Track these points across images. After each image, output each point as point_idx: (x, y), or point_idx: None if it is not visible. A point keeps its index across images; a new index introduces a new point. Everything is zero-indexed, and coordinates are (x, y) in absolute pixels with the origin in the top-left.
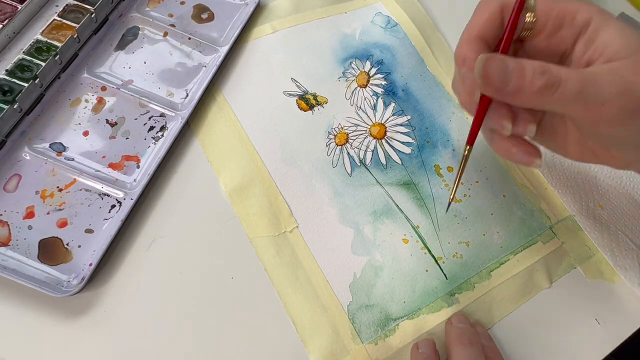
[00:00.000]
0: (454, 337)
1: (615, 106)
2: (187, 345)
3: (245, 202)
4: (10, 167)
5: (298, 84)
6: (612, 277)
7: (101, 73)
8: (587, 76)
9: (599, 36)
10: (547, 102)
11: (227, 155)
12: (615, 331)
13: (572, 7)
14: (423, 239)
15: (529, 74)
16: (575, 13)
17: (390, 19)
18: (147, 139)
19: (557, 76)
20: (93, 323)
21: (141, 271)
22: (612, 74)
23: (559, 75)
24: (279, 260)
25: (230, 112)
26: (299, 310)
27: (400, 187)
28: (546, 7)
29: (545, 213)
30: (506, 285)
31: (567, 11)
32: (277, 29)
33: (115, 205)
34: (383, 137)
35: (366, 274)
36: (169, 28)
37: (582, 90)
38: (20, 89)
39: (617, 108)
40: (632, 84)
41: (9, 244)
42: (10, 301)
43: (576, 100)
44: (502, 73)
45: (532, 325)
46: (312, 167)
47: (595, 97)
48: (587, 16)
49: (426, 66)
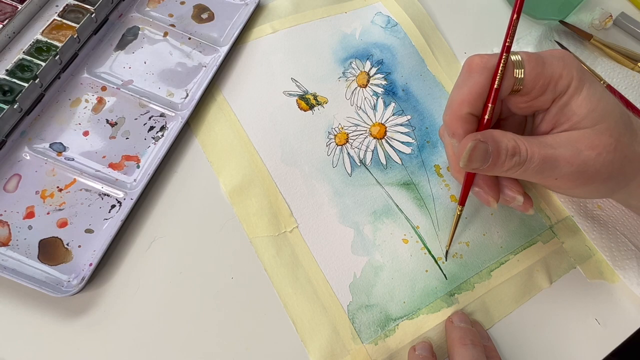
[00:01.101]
0: (456, 338)
1: (568, 180)
2: (187, 345)
3: (245, 202)
4: (10, 167)
5: (298, 84)
6: (612, 277)
7: (101, 73)
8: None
9: (571, 102)
10: (514, 175)
11: (227, 155)
12: (615, 331)
13: (557, 73)
14: (423, 239)
15: (503, 156)
16: (558, 79)
17: (391, 18)
18: (147, 139)
19: (524, 158)
20: (93, 323)
21: (141, 271)
22: (570, 148)
23: (525, 157)
24: (279, 260)
25: (230, 112)
26: (299, 310)
27: (400, 187)
28: (534, 75)
29: (545, 213)
30: (506, 285)
31: (552, 78)
32: (277, 29)
33: (115, 205)
34: (383, 137)
35: (366, 274)
36: (169, 28)
37: (540, 169)
38: (20, 89)
39: (568, 181)
40: (586, 159)
41: (9, 244)
42: (10, 301)
43: (535, 175)
44: (482, 157)
45: (532, 325)
46: (312, 167)
47: (550, 173)
48: (567, 82)
49: (426, 66)
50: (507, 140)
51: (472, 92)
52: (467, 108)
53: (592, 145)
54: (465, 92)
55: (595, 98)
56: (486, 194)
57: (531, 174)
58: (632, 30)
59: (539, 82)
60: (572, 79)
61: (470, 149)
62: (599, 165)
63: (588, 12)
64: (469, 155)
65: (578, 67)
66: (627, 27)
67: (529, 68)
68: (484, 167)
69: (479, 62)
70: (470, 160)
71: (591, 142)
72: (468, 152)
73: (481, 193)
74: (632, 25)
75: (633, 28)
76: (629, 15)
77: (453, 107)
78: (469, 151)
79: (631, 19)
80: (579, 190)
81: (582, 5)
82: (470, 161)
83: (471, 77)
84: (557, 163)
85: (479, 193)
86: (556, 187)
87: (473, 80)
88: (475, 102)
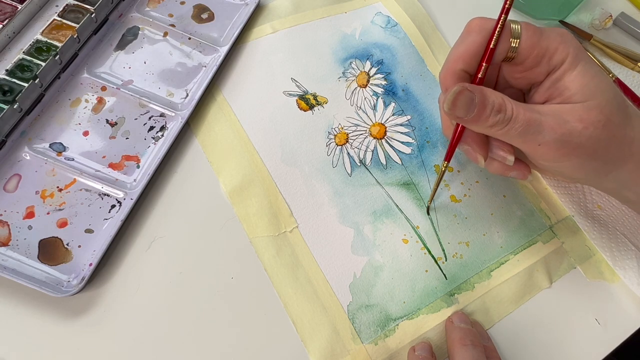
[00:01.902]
0: (456, 339)
1: (550, 148)
2: (187, 345)
3: (245, 202)
4: (10, 167)
5: (298, 84)
6: (612, 277)
7: (101, 73)
8: (532, 119)
9: (564, 77)
10: (496, 134)
11: (227, 155)
12: (615, 331)
13: (553, 46)
14: (423, 239)
15: (488, 110)
16: (553, 53)
17: (390, 18)
18: (147, 139)
19: (509, 116)
20: (93, 323)
21: (141, 271)
22: (557, 117)
23: (510, 116)
24: (279, 260)
25: (230, 112)
26: (299, 310)
27: (400, 187)
28: (530, 44)
29: (545, 213)
30: (506, 285)
31: (547, 50)
32: (277, 29)
33: (115, 205)
34: (383, 137)
35: (366, 274)
36: (169, 28)
37: (524, 131)
38: (20, 89)
39: (550, 150)
40: (571, 129)
41: (9, 244)
42: (10, 301)
43: (517, 138)
44: (467, 105)
45: (532, 326)
46: (312, 167)
47: (534, 138)
48: (562, 57)
49: (426, 66)
50: (495, 97)
51: (468, 50)
52: (461, 65)
53: (579, 119)
54: (461, 50)
55: (589, 75)
56: (474, 151)
57: (514, 135)
58: (632, 30)
59: (533, 52)
60: (568, 55)
61: (456, 93)
62: (584, 139)
63: (588, 12)
64: (453, 99)
65: (575, 45)
66: (627, 27)
67: (526, 36)
68: (468, 116)
69: (478, 23)
70: (454, 104)
71: (579, 115)
72: (453, 95)
73: (469, 150)
74: (632, 25)
75: (633, 28)
76: (629, 15)
77: (448, 63)
78: (453, 94)
79: (631, 19)
80: (563, 164)
81: (582, 5)
82: (454, 106)
83: (469, 37)
84: (541, 128)
85: (467, 150)
86: (539, 156)
87: (470, 39)
88: (470, 60)
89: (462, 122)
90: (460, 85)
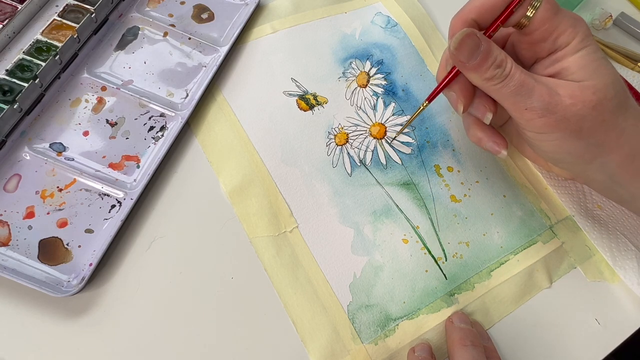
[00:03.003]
0: (456, 339)
1: (536, 114)
2: (187, 345)
3: (245, 202)
4: (10, 167)
5: (298, 84)
6: (612, 277)
7: (101, 73)
8: (527, 82)
9: (564, 59)
10: (490, 88)
11: (227, 155)
12: (615, 331)
13: (564, 27)
14: (423, 239)
15: (489, 62)
16: (560, 34)
17: (390, 19)
18: (147, 139)
19: (506, 73)
20: (93, 323)
21: (141, 271)
22: (549, 88)
23: (507, 73)
24: (279, 260)
25: (230, 112)
26: (299, 310)
27: (400, 187)
28: (544, 17)
29: (545, 213)
30: (506, 285)
31: (557, 29)
32: (277, 29)
33: (115, 205)
34: (383, 137)
35: (366, 274)
36: (169, 28)
37: (516, 91)
38: (20, 89)
39: (535, 115)
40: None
41: (9, 244)
42: (10, 301)
43: (509, 97)
44: (472, 50)
45: (532, 326)
46: (312, 167)
47: (523, 100)
48: (568, 39)
49: (426, 66)
50: (499, 52)
51: (485, 3)
52: (474, 15)
53: (571, 94)
54: (479, 3)
55: (590, 58)
56: (457, 97)
57: (506, 94)
58: (632, 30)
59: (544, 25)
60: (574, 39)
61: (465, 34)
62: (570, 114)
63: (588, 12)
64: (461, 40)
65: (584, 32)
66: (627, 27)
67: (543, 9)
68: (470, 62)
69: None
70: (461, 46)
71: (571, 91)
72: (461, 36)
73: (453, 96)
74: (632, 25)
75: (633, 28)
76: (629, 15)
77: (463, 11)
78: (462, 35)
79: (631, 19)
80: (545, 137)
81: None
82: (460, 47)
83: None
84: (532, 93)
85: (451, 96)
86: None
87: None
88: (485, 14)
89: (462, 67)
90: (470, 29)
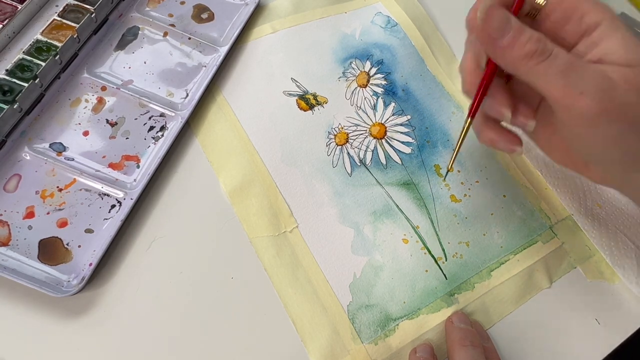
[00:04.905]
0: (455, 339)
1: (590, 99)
2: (187, 345)
3: (245, 202)
4: (10, 167)
5: (298, 84)
6: (612, 277)
7: (101, 73)
8: (577, 62)
9: (603, 42)
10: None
11: (227, 155)
12: (615, 331)
13: (585, 5)
14: (423, 239)
15: (526, 35)
16: (585, 12)
17: (390, 19)
18: (147, 139)
19: (550, 49)
20: (93, 323)
21: (141, 271)
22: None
23: (552, 49)
24: (279, 260)
25: (230, 112)
26: (299, 310)
27: (400, 187)
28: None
29: (545, 213)
30: (506, 285)
31: (577, 7)
32: (277, 29)
33: (115, 205)
34: (383, 137)
35: (366, 274)
36: (169, 28)
37: (566, 71)
38: (20, 89)
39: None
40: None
41: (9, 244)
42: (10, 301)
43: (557, 78)
44: (503, 24)
45: (532, 325)
46: (312, 167)
47: (576, 83)
48: (596, 19)
49: (426, 66)
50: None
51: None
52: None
53: (625, 79)
54: None
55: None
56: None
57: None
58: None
59: (561, 6)
60: (603, 19)
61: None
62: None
63: None
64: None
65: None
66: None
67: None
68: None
69: None
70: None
71: (625, 75)
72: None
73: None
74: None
75: (633, 28)
76: (629, 15)
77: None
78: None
79: (631, 19)
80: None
81: None
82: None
83: None
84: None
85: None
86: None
87: None
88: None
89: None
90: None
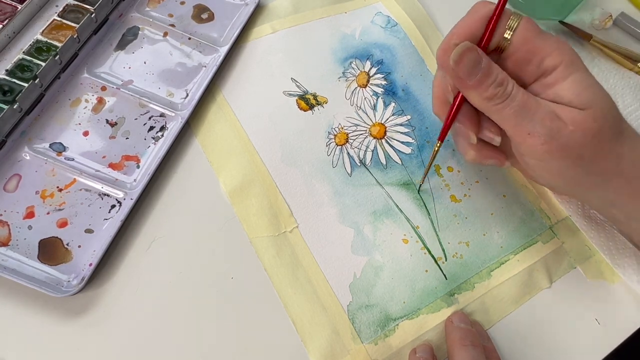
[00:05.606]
0: (455, 339)
1: (537, 139)
2: (187, 345)
3: (245, 202)
4: (10, 167)
5: (298, 84)
6: (612, 277)
7: (101, 73)
8: (530, 104)
9: (556, 84)
10: (491, 110)
11: (227, 155)
12: (615, 331)
13: (546, 49)
14: (423, 239)
15: (491, 78)
16: (545, 56)
17: (391, 18)
18: (147, 139)
19: (508, 92)
20: (93, 323)
21: (141, 271)
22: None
23: (510, 92)
24: (279, 260)
25: (230, 112)
26: (299, 310)
27: (400, 187)
28: (523, 38)
29: (545, 213)
30: (506, 285)
31: (538, 51)
32: (277, 29)
33: (115, 205)
34: (383, 137)
35: (366, 274)
36: (169, 28)
37: (519, 112)
38: (20, 89)
39: (538, 141)
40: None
41: (9, 244)
42: (10, 301)
43: (511, 119)
44: (473, 66)
45: (532, 326)
46: (312, 167)
47: (526, 124)
48: (555, 63)
49: (426, 66)
50: (500, 71)
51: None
52: (456, 40)
53: (572, 120)
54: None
55: (583, 85)
56: (466, 128)
57: (509, 115)
58: (632, 30)
59: (526, 46)
60: (561, 62)
61: (466, 47)
62: (572, 142)
63: (588, 12)
64: (461, 53)
65: (571, 54)
66: (627, 27)
67: (522, 29)
68: (470, 79)
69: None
70: (461, 60)
71: (572, 117)
72: (462, 49)
73: (461, 128)
74: (632, 25)
75: (633, 28)
76: (629, 15)
77: (446, 39)
78: (462, 48)
79: (631, 19)
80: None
81: (582, 5)
82: (460, 61)
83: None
84: (535, 116)
85: (459, 128)
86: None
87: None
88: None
89: (461, 85)
90: (470, 43)
